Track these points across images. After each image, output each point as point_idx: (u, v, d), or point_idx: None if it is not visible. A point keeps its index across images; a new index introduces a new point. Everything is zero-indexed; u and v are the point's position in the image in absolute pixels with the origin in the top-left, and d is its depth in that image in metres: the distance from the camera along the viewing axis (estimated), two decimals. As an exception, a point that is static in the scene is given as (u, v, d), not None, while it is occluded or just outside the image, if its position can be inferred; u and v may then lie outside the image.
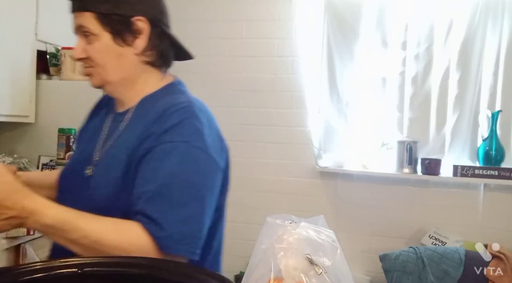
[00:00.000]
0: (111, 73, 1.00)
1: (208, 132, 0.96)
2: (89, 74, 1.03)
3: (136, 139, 0.94)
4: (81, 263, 0.74)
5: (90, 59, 0.99)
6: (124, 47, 0.99)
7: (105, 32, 0.97)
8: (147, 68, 1.03)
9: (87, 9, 0.98)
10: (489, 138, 2.70)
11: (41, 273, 0.71)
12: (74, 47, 1.00)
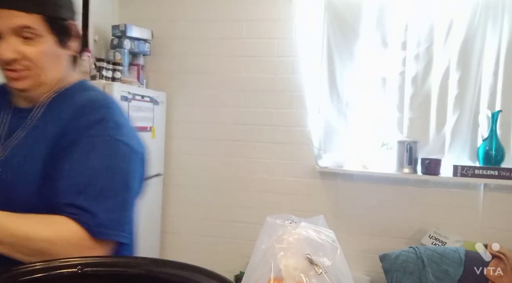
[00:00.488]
0: (48, 76, 1.00)
1: (129, 127, 1.02)
2: (17, 77, 0.97)
3: (55, 134, 0.96)
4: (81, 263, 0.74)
5: (26, 61, 0.95)
6: (63, 50, 1.01)
7: (50, 35, 0.96)
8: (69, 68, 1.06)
9: (36, 11, 0.94)
10: (489, 138, 2.70)
11: (41, 273, 0.71)
12: (4, 48, 0.93)
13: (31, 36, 0.93)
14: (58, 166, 0.92)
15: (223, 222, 3.06)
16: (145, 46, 3.08)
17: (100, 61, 2.53)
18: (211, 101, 3.13)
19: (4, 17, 0.92)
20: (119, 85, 2.46)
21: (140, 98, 2.66)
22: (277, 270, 0.63)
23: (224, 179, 3.08)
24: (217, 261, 3.00)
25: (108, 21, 3.07)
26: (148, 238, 2.92)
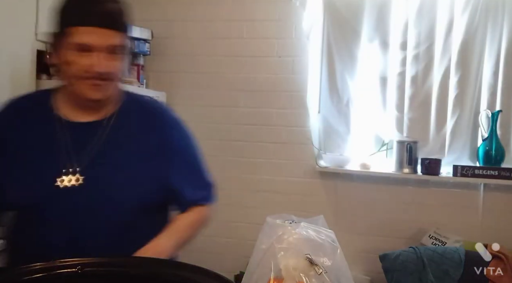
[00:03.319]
0: (116, 87, 1.13)
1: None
2: (98, 88, 1.07)
3: (143, 142, 1.12)
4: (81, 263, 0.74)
5: (109, 75, 1.07)
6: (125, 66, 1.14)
7: (126, 54, 1.12)
8: None
9: (124, 30, 1.11)
10: (489, 138, 2.70)
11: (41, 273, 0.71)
12: (97, 62, 1.04)
13: (115, 53, 1.07)
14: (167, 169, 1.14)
15: (223, 222, 3.06)
16: (145, 46, 3.08)
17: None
18: (211, 101, 3.13)
19: (102, 35, 1.04)
20: (119, 85, 2.45)
21: (140, 98, 2.66)
22: (277, 270, 0.63)
23: (224, 178, 3.07)
24: (217, 261, 3.00)
25: (108, 21, 3.06)
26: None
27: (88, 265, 0.75)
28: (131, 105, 1.17)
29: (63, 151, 1.07)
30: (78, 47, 1.03)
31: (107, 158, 1.08)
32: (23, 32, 2.28)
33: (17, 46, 2.24)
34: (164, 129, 1.17)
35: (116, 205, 1.07)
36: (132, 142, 1.12)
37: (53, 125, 1.09)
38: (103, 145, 1.09)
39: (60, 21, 1.07)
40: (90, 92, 1.06)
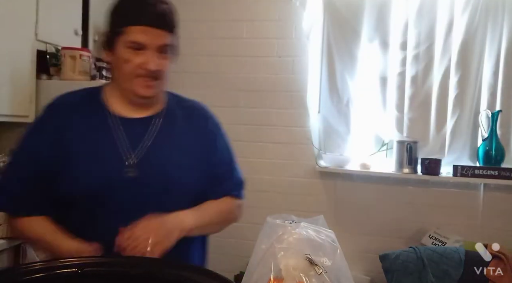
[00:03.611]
0: (164, 85, 1.18)
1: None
2: (150, 85, 1.12)
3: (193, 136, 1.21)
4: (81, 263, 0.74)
5: (160, 73, 1.12)
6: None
7: (173, 51, 1.17)
8: None
9: (174, 31, 1.18)
10: (489, 138, 2.70)
11: (41, 273, 0.71)
12: (150, 60, 1.09)
13: (165, 52, 1.13)
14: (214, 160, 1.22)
15: (223, 222, 3.06)
16: (145, 46, 3.07)
17: (100, 61, 2.52)
18: (211, 101, 3.09)
19: (154, 35, 1.09)
20: (119, 85, 2.45)
21: (140, 98, 2.66)
22: (277, 270, 0.63)
23: (224, 179, 3.08)
24: (217, 261, 2.99)
25: (108, 21, 3.06)
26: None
27: (88, 265, 0.75)
28: (175, 103, 1.24)
29: (120, 144, 1.12)
30: (132, 45, 1.08)
31: (160, 151, 1.14)
32: (23, 32, 2.28)
33: (17, 46, 2.24)
34: (207, 125, 1.25)
35: (171, 194, 1.13)
36: (180, 136, 1.19)
37: (108, 120, 1.14)
38: (155, 139, 1.14)
39: (114, 20, 1.12)
40: (142, 89, 1.11)
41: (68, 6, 2.65)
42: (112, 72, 1.18)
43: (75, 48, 2.45)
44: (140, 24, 1.08)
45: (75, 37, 2.69)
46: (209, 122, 1.28)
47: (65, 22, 2.62)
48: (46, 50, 2.45)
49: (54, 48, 2.49)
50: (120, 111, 1.16)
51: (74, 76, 2.39)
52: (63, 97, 1.20)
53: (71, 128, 1.13)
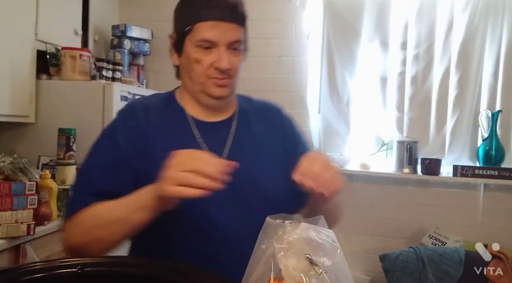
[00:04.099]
0: (237, 84, 1.09)
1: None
2: (223, 85, 1.04)
3: (275, 136, 1.14)
4: (81, 263, 0.74)
5: (232, 71, 1.03)
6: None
7: (243, 47, 1.07)
8: None
9: (244, 24, 1.06)
10: (489, 138, 2.70)
11: (41, 273, 0.71)
12: (222, 58, 1.01)
13: (238, 48, 1.03)
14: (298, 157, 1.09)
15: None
16: (145, 46, 3.08)
17: (100, 61, 2.53)
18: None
19: (225, 30, 1.00)
20: (119, 85, 2.46)
21: (140, 98, 2.66)
22: (277, 270, 0.63)
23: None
24: (217, 261, 3.00)
25: (108, 21, 3.07)
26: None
27: (88, 265, 0.75)
28: (246, 104, 1.17)
29: (204, 150, 1.04)
30: (202, 44, 1.00)
31: (242, 155, 1.06)
32: (23, 32, 2.28)
33: (17, 46, 2.24)
34: (283, 122, 1.19)
35: (258, 201, 1.04)
36: (258, 139, 1.12)
37: (187, 124, 1.07)
38: (234, 144, 1.08)
39: (181, 19, 1.05)
40: (215, 89, 1.04)
41: (68, 6, 2.65)
42: (182, 75, 1.09)
43: (75, 48, 2.45)
44: (209, 19, 0.99)
45: (75, 37, 2.69)
46: (284, 119, 1.20)
47: (65, 22, 2.63)
48: (46, 50, 2.45)
49: (54, 48, 2.49)
50: (196, 115, 1.08)
51: (74, 76, 2.39)
52: (137, 101, 1.14)
53: (151, 131, 1.04)
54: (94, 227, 0.93)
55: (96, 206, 0.95)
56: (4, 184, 1.73)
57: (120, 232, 0.92)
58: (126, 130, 1.04)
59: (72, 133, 2.21)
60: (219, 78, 1.02)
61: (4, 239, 1.73)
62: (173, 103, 1.11)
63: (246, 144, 1.09)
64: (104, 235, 0.92)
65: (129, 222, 0.90)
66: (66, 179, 2.16)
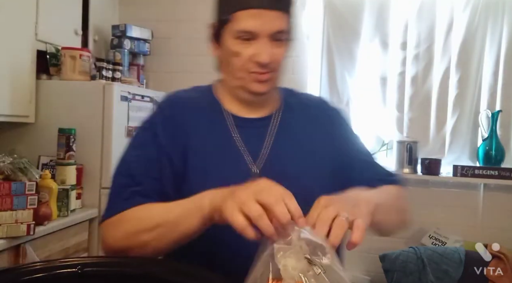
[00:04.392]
0: (280, 78, 1.00)
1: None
2: (264, 80, 0.95)
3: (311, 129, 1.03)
4: (81, 263, 0.74)
5: (274, 64, 0.94)
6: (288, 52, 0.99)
7: (288, 37, 0.96)
8: None
9: (290, 11, 0.94)
10: (489, 138, 2.70)
11: (41, 273, 0.71)
12: (262, 50, 0.91)
13: (281, 38, 0.93)
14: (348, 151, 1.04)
15: (223, 222, 3.06)
16: (145, 46, 3.08)
17: (100, 61, 2.53)
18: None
19: (267, 19, 0.90)
20: (119, 85, 2.46)
21: (140, 98, 2.66)
22: (276, 270, 0.63)
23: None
24: (217, 261, 3.00)
25: (108, 21, 3.07)
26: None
27: (88, 265, 0.75)
28: (290, 98, 1.07)
29: (241, 149, 0.97)
30: (241, 35, 0.91)
31: (281, 156, 0.98)
32: (23, 32, 2.28)
33: (17, 46, 2.24)
34: (330, 116, 1.08)
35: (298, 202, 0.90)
36: (303, 136, 1.01)
37: (224, 119, 1.00)
38: (275, 143, 0.99)
39: (220, 7, 0.99)
40: (254, 85, 0.95)
41: (68, 6, 2.65)
42: (221, 68, 1.04)
43: (75, 48, 2.45)
44: (250, 7, 0.89)
45: (75, 37, 2.69)
46: (331, 113, 1.09)
47: (65, 22, 2.63)
48: (46, 50, 2.45)
49: (54, 48, 2.49)
50: (234, 111, 1.01)
51: (74, 76, 2.39)
52: (176, 94, 1.10)
53: (187, 126, 0.99)
54: (140, 231, 0.85)
55: (143, 207, 0.88)
56: (4, 184, 1.73)
57: (168, 238, 0.83)
58: (165, 124, 0.99)
59: (72, 133, 2.21)
60: (259, 73, 0.93)
61: (4, 239, 1.73)
62: (210, 97, 1.06)
63: (287, 143, 1.00)
64: (150, 239, 0.84)
65: (179, 226, 0.81)
66: (66, 179, 2.16)
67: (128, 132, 2.49)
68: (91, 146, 2.32)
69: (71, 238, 2.15)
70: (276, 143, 0.99)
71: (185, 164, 0.94)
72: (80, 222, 2.22)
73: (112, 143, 2.34)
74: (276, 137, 0.99)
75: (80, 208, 2.29)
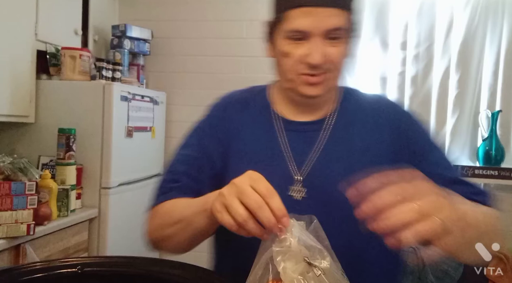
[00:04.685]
0: (338, 79, 0.92)
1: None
2: (316, 82, 0.88)
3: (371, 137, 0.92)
4: (81, 263, 0.74)
5: (328, 64, 0.87)
6: (349, 50, 0.92)
7: (349, 33, 0.89)
8: None
9: (347, 7, 0.86)
10: (489, 138, 2.70)
11: (41, 273, 0.71)
12: (314, 50, 0.84)
13: (337, 37, 0.86)
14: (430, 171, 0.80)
15: (223, 222, 3.06)
16: (145, 46, 3.08)
17: (100, 61, 2.53)
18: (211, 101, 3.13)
19: (319, 17, 0.83)
20: (119, 85, 2.46)
21: (140, 98, 2.66)
22: (275, 272, 0.63)
23: (224, 178, 3.07)
24: (217, 261, 3.00)
25: (108, 21, 3.07)
26: (148, 238, 2.92)
27: (88, 265, 0.75)
28: (351, 101, 0.98)
29: (287, 154, 0.92)
30: (293, 35, 0.86)
31: (328, 165, 0.90)
32: (23, 32, 2.28)
33: (17, 46, 2.24)
34: (400, 122, 0.95)
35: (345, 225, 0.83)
36: (357, 144, 0.92)
37: (273, 123, 0.96)
38: (325, 150, 0.91)
39: (273, 5, 0.92)
40: (306, 88, 0.89)
41: (68, 6, 2.65)
42: (275, 69, 0.97)
43: (75, 48, 2.45)
44: (300, 5, 0.83)
45: (75, 37, 2.69)
46: (402, 118, 0.96)
47: (65, 22, 2.63)
48: (46, 50, 2.45)
49: (54, 48, 2.49)
50: (285, 113, 0.97)
51: (74, 76, 2.39)
52: (231, 95, 1.08)
53: (234, 127, 0.98)
54: (165, 225, 0.88)
55: (172, 202, 0.91)
56: (4, 184, 1.73)
57: (185, 233, 0.84)
58: (212, 125, 1.00)
59: (72, 133, 2.21)
60: (310, 74, 0.87)
61: (4, 239, 1.73)
62: (263, 98, 1.03)
63: (338, 151, 0.91)
64: (171, 233, 0.86)
65: (192, 224, 0.81)
66: (66, 179, 2.16)
67: (128, 132, 2.49)
68: (91, 146, 2.33)
69: (71, 238, 2.15)
70: (325, 150, 0.92)
71: (226, 165, 0.94)
72: (80, 222, 2.22)
73: (112, 143, 2.34)
74: (327, 144, 0.92)
75: (80, 208, 2.29)
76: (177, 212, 0.87)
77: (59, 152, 2.20)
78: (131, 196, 2.58)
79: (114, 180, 2.36)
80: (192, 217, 0.81)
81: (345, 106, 0.96)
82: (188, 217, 0.82)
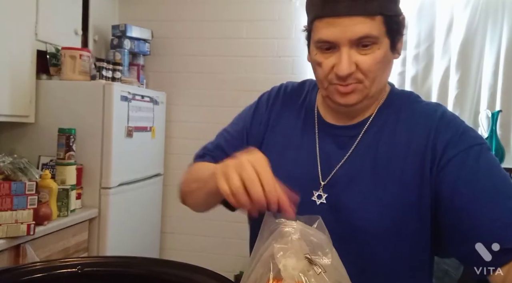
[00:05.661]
0: (376, 86, 0.86)
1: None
2: (347, 92, 0.85)
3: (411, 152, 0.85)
4: (81, 263, 0.74)
5: (359, 74, 0.84)
6: (392, 54, 0.87)
7: (385, 38, 0.84)
8: None
9: (379, 12, 0.82)
10: (489, 138, 2.70)
11: (41, 273, 0.71)
12: (341, 61, 0.82)
13: (368, 44, 0.82)
14: (446, 190, 0.81)
15: (223, 221, 3.06)
16: (145, 46, 3.08)
17: (100, 61, 2.53)
18: (211, 101, 3.13)
19: (344, 27, 0.81)
20: (119, 85, 2.46)
21: (140, 98, 2.67)
22: (276, 270, 0.63)
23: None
24: (217, 261, 3.00)
25: (108, 21, 3.07)
26: (148, 238, 2.92)
27: (88, 265, 0.75)
28: (395, 108, 0.92)
29: (317, 156, 0.92)
30: (321, 45, 0.86)
31: (353, 177, 0.87)
32: (23, 32, 2.28)
33: (17, 46, 2.24)
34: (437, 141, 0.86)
35: (362, 237, 0.83)
36: (383, 155, 0.87)
37: (313, 121, 0.97)
38: (351, 156, 0.89)
39: (307, 16, 0.94)
40: (338, 97, 0.87)
41: (68, 6, 2.65)
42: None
43: (75, 48, 2.45)
44: (324, 16, 0.83)
45: (75, 37, 2.69)
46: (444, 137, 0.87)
47: (65, 22, 2.63)
48: (46, 50, 2.45)
49: (54, 48, 2.49)
50: (326, 116, 0.96)
51: (74, 76, 2.39)
52: (288, 84, 1.15)
53: (278, 118, 1.02)
54: (190, 181, 0.99)
55: (201, 164, 1.01)
56: (4, 184, 1.73)
57: (201, 192, 0.91)
58: (260, 111, 1.06)
59: (72, 133, 2.21)
60: (340, 85, 0.85)
61: (4, 239, 1.73)
62: (312, 95, 1.04)
63: (364, 160, 0.87)
64: (192, 189, 0.96)
65: (207, 185, 0.85)
66: (66, 179, 2.16)
67: (128, 132, 2.49)
68: (91, 146, 2.33)
69: (71, 238, 2.15)
70: (352, 157, 0.89)
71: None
72: (80, 222, 2.22)
73: (112, 143, 2.34)
74: (356, 150, 0.89)
75: (80, 208, 2.29)
76: (200, 172, 0.96)
77: (59, 152, 2.20)
78: (131, 196, 2.58)
79: (114, 180, 2.36)
80: (207, 178, 0.85)
81: (384, 113, 0.92)
82: (205, 178, 0.87)
